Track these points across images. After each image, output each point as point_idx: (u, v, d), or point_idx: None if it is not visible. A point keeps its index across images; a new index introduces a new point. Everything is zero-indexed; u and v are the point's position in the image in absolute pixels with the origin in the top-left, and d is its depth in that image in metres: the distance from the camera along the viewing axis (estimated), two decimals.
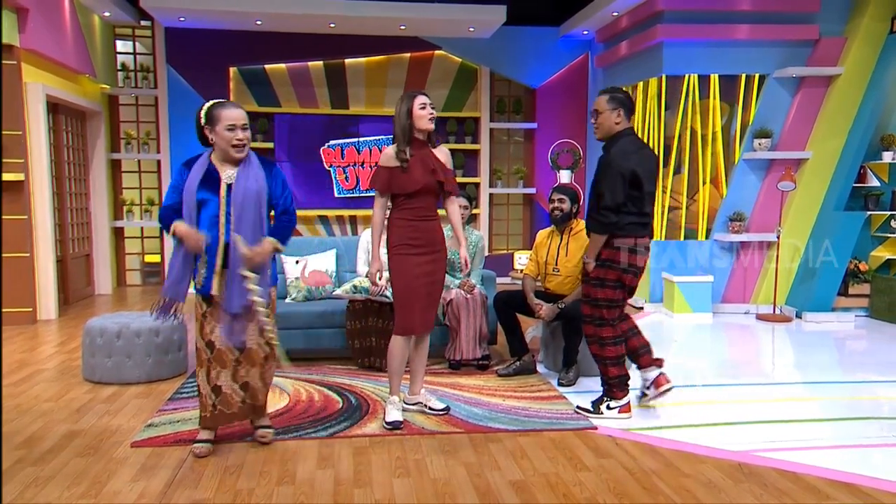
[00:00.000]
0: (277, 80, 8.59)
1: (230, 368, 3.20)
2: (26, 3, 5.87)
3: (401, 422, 3.59)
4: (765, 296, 6.91)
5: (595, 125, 3.70)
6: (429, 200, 3.63)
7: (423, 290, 3.61)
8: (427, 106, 3.58)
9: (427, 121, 3.57)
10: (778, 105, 6.88)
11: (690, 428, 3.65)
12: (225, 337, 3.13)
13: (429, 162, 3.59)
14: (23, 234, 6.11)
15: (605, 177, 3.56)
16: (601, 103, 3.66)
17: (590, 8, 7.75)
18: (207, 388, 3.21)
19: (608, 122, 3.64)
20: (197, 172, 3.14)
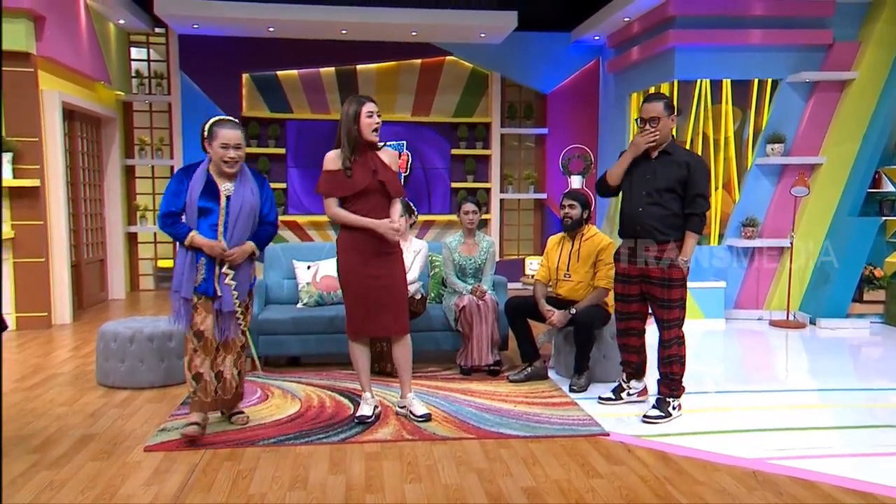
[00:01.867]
0: (289, 87, 8.65)
1: (211, 357, 3.50)
2: (43, 11, 5.95)
3: (368, 416, 3.71)
4: (778, 302, 6.86)
5: (653, 132, 3.71)
6: (374, 203, 3.62)
7: (371, 294, 3.63)
8: (374, 114, 3.59)
9: (371, 131, 3.59)
10: (791, 110, 6.84)
11: (703, 435, 3.62)
12: (218, 334, 3.49)
13: (370, 164, 3.62)
14: (38, 239, 6.18)
15: (704, 179, 3.73)
16: (659, 110, 3.70)
17: (601, 13, 7.75)
18: (189, 375, 3.48)
19: (667, 129, 3.72)
20: (198, 183, 3.44)
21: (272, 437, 3.52)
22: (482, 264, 4.90)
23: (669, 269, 3.73)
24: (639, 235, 3.79)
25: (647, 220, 3.74)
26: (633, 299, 3.91)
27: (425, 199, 8.95)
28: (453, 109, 8.98)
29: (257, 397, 4.18)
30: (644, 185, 3.76)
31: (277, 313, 4.86)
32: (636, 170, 3.82)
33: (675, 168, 3.71)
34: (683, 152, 3.80)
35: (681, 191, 3.71)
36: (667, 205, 3.72)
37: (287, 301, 5.21)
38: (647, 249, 3.76)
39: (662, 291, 3.76)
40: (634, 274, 3.84)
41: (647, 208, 3.74)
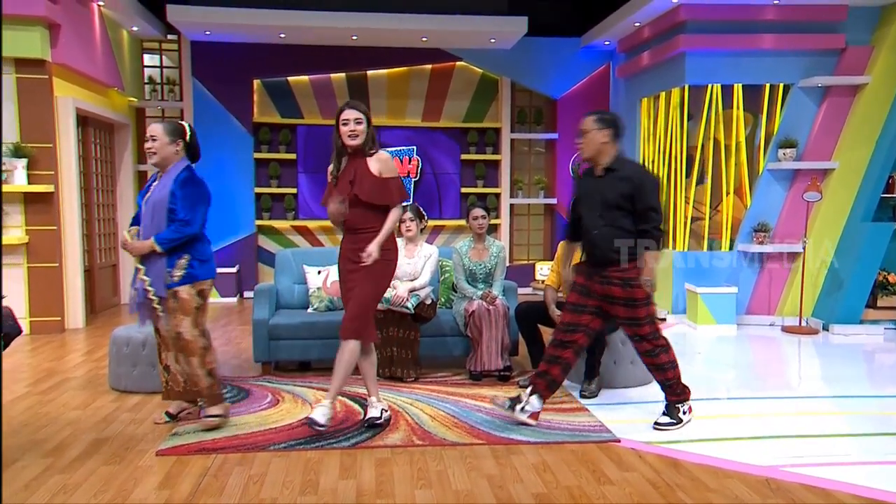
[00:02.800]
0: (300, 92, 8.69)
1: (198, 355, 3.64)
2: (58, 19, 6.02)
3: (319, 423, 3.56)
4: (790, 307, 6.81)
5: (580, 144, 3.72)
6: (355, 212, 3.58)
7: (346, 299, 3.68)
8: (350, 122, 3.53)
9: (347, 138, 3.55)
10: (803, 115, 6.80)
11: (715, 442, 3.60)
12: (139, 322, 3.78)
13: (350, 172, 3.59)
14: (52, 244, 6.24)
15: (652, 193, 3.64)
16: (588, 123, 3.67)
17: (611, 18, 7.75)
18: (160, 366, 3.84)
19: (595, 142, 3.65)
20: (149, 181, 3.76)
21: (283, 441, 3.53)
22: (492, 269, 4.90)
23: (633, 290, 3.63)
24: (598, 258, 3.69)
25: (603, 242, 3.65)
26: (587, 310, 3.75)
27: (436, 204, 8.96)
28: (463, 115, 8.99)
29: (268, 402, 4.20)
30: (594, 206, 3.69)
31: (288, 318, 4.88)
32: (587, 191, 3.77)
33: (619, 183, 3.61)
34: (629, 167, 3.72)
35: (629, 207, 3.61)
36: (618, 223, 3.63)
37: (298, 306, 5.23)
38: (609, 271, 3.65)
39: (626, 311, 3.67)
40: (596, 291, 3.72)
41: (601, 230, 3.66)
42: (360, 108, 3.58)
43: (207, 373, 3.66)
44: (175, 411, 3.85)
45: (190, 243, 3.62)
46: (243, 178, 8.51)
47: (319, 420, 3.53)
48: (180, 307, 3.58)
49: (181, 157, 3.70)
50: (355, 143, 3.56)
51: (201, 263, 3.67)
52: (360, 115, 3.56)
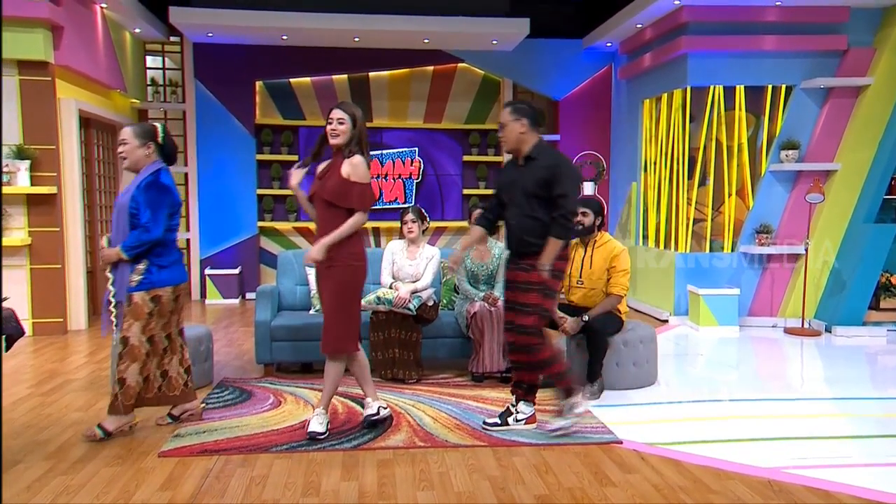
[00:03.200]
0: (302, 94, 8.70)
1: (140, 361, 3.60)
2: (61, 21, 6.04)
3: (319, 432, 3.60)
4: (793, 309, 6.80)
5: (501, 137, 3.68)
6: (322, 212, 3.59)
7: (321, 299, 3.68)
8: (333, 121, 3.54)
9: (329, 135, 3.56)
10: (805, 116, 6.80)
11: (717, 443, 3.59)
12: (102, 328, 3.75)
13: (324, 171, 3.62)
14: (55, 246, 6.25)
15: (566, 179, 3.53)
16: (505, 115, 3.64)
17: (613, 20, 7.75)
18: (157, 371, 3.74)
19: (513, 133, 3.61)
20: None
21: (285, 443, 3.53)
22: (494, 271, 4.90)
23: (530, 273, 3.55)
24: (515, 248, 3.65)
25: (519, 231, 3.61)
26: (507, 308, 3.74)
27: (438, 205, 8.97)
28: (465, 116, 9.00)
29: (270, 403, 4.20)
30: (514, 194, 3.63)
31: (290, 319, 4.88)
32: (508, 179, 3.72)
33: (537, 171, 3.56)
34: (550, 155, 3.63)
35: (546, 195, 3.53)
36: (534, 213, 3.55)
37: (300, 307, 5.24)
38: (521, 260, 3.61)
39: (521, 295, 3.59)
40: (509, 279, 3.72)
41: (518, 220, 3.61)
42: (347, 109, 3.57)
43: (118, 380, 3.57)
44: (178, 413, 3.84)
45: (151, 248, 3.55)
46: (245, 179, 8.52)
47: (319, 430, 3.57)
48: (131, 311, 3.52)
49: (153, 160, 3.64)
50: (335, 142, 3.55)
51: (160, 269, 3.57)
52: (343, 115, 3.55)
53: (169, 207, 3.59)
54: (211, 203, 8.51)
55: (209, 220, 8.53)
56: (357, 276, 3.62)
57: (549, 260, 3.52)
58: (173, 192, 3.65)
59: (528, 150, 3.62)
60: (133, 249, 3.51)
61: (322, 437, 3.56)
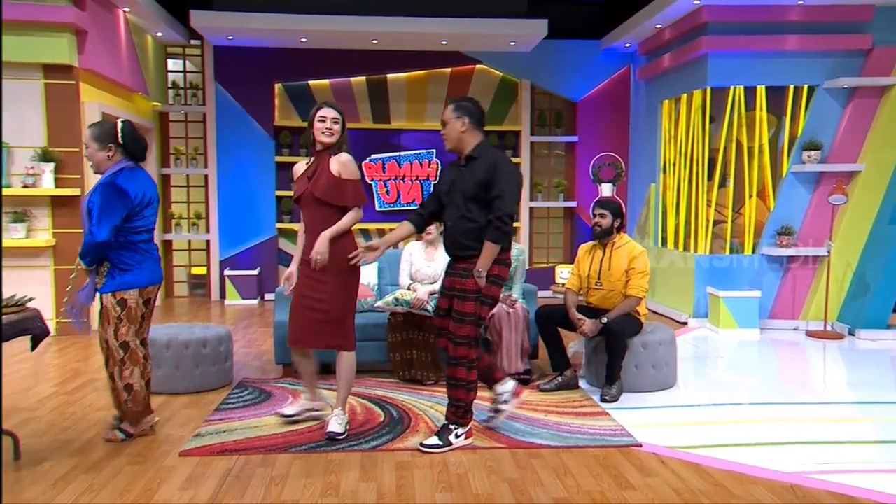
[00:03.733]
0: (321, 96, 8.74)
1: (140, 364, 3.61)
2: (85, 25, 6.13)
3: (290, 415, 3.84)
4: (815, 312, 6.71)
5: (442, 135, 3.57)
6: (311, 212, 3.59)
7: (297, 303, 3.66)
8: (327, 119, 3.56)
9: (321, 133, 3.55)
10: (828, 116, 6.71)
11: (739, 447, 3.56)
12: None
13: (312, 170, 3.60)
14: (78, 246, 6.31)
15: (503, 179, 3.38)
16: (446, 113, 3.54)
17: (632, 20, 7.70)
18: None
19: (454, 132, 3.50)
20: None
21: (304, 443, 3.55)
22: (512, 272, 4.89)
23: (465, 280, 3.42)
24: (451, 251, 3.55)
25: (454, 233, 3.48)
26: (444, 315, 3.61)
27: None
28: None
29: (289, 404, 4.22)
30: (454, 195, 3.50)
31: None
32: (449, 180, 3.58)
33: (477, 172, 3.41)
34: (491, 155, 3.48)
35: (484, 196, 3.40)
36: (472, 216, 3.41)
37: None
38: (457, 264, 3.51)
39: (458, 303, 3.46)
40: (447, 287, 3.59)
41: (455, 222, 3.48)
42: (338, 108, 3.62)
43: (125, 387, 3.56)
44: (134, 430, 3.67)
45: (114, 251, 3.47)
46: (264, 181, 8.59)
47: (339, 430, 3.59)
48: (104, 315, 3.53)
49: (117, 160, 3.53)
50: (329, 140, 3.56)
51: (122, 272, 3.49)
52: (337, 114, 3.59)
53: (123, 209, 3.43)
54: (230, 204, 8.59)
55: (229, 222, 8.61)
56: (357, 274, 3.67)
57: (485, 266, 3.37)
58: (129, 193, 3.46)
59: (470, 150, 3.50)
60: (84, 256, 3.48)
61: (341, 437, 3.58)
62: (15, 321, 3.23)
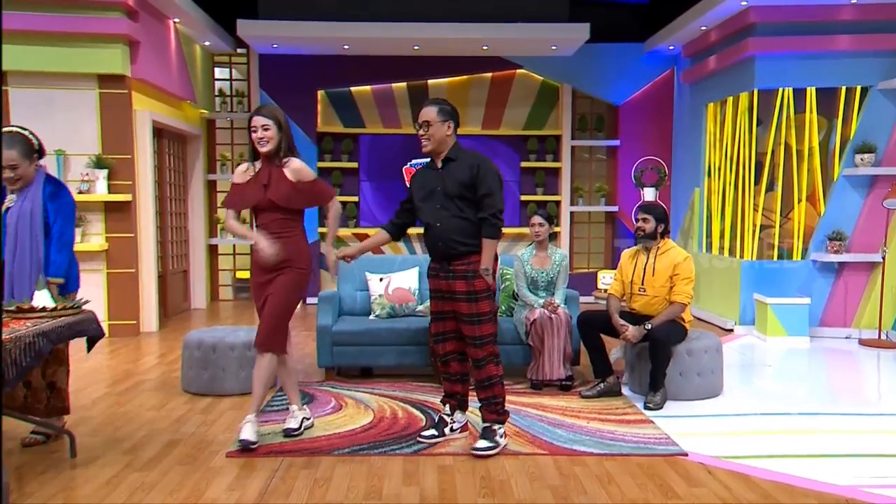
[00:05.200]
0: (362, 102, 8.85)
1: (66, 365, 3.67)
2: (138, 36, 6.33)
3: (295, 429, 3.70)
4: (868, 320, 6.49)
5: (425, 137, 3.51)
6: (269, 217, 3.55)
7: (260, 307, 3.64)
8: (258, 129, 3.48)
9: (257, 143, 3.49)
10: (882, 118, 6.50)
11: (789, 458, 3.46)
12: None
13: (263, 177, 3.52)
14: (130, 251, 6.53)
15: (489, 177, 3.48)
16: (431, 114, 3.49)
17: (676, 23, 7.59)
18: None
19: (440, 134, 3.49)
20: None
21: (347, 446, 3.59)
22: (554, 277, 4.86)
23: (473, 281, 3.46)
24: (443, 252, 3.51)
25: (446, 234, 3.48)
26: (447, 316, 3.60)
27: None
28: (524, 122, 8.97)
29: (331, 407, 4.28)
30: (435, 198, 3.52)
31: (350, 325, 4.96)
32: (425, 183, 3.58)
33: (460, 172, 3.47)
34: (469, 155, 3.56)
35: (471, 196, 3.47)
36: (463, 214, 3.47)
37: (360, 313, 5.32)
38: (452, 265, 3.49)
39: (469, 306, 3.48)
40: (442, 290, 3.56)
41: (446, 222, 3.48)
42: (268, 113, 3.52)
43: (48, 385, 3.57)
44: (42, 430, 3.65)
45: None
46: None
47: (251, 438, 3.48)
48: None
49: (37, 168, 3.58)
50: (266, 149, 3.50)
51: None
52: (267, 121, 3.49)
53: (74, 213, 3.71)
54: None
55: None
56: (307, 279, 3.68)
57: (489, 262, 3.47)
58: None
59: (447, 152, 3.54)
60: (65, 265, 3.61)
61: (253, 446, 3.46)
62: (72, 323, 3.33)
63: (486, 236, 3.47)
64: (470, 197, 3.48)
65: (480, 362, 3.53)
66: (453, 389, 3.75)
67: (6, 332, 2.94)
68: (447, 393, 3.78)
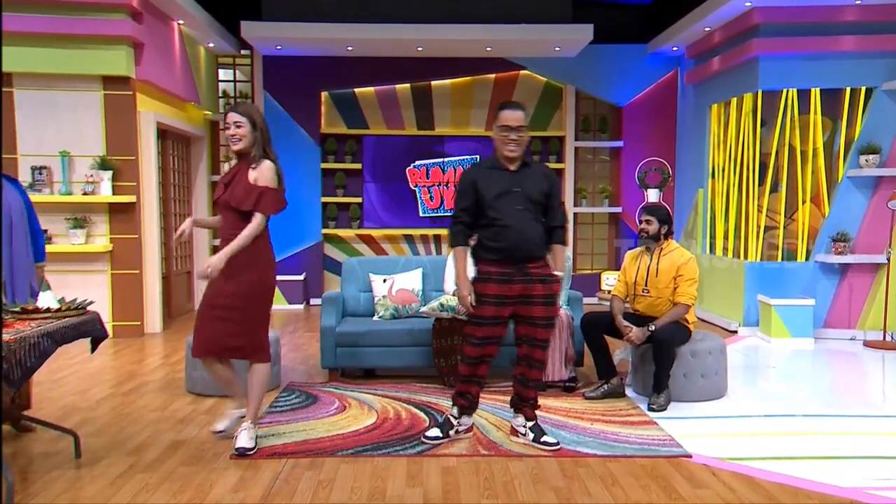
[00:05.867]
0: (366, 103, 8.86)
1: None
2: (143, 37, 6.35)
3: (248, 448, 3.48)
4: (873, 321, 6.48)
5: (517, 141, 3.51)
6: (227, 219, 3.46)
7: (202, 312, 3.57)
8: (231, 126, 3.42)
9: (229, 141, 3.46)
10: (887, 119, 6.48)
11: (793, 460, 3.46)
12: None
13: (229, 175, 3.48)
14: (134, 252, 6.55)
15: (558, 187, 3.69)
16: (522, 118, 3.54)
17: (680, 24, 7.59)
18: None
19: (526, 139, 3.58)
20: None
21: (350, 447, 3.59)
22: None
23: (551, 285, 3.54)
24: (523, 255, 3.47)
25: (528, 236, 3.47)
26: (502, 322, 3.55)
27: None
28: (527, 123, 8.95)
29: (335, 408, 4.28)
30: (515, 199, 3.48)
31: (354, 326, 4.96)
32: (494, 183, 3.50)
33: (538, 180, 3.55)
34: (538, 164, 3.80)
35: (545, 203, 3.56)
36: (540, 219, 3.55)
37: (364, 314, 5.32)
38: (530, 267, 3.49)
39: (546, 310, 3.52)
40: (513, 295, 3.48)
41: (527, 225, 3.48)
42: (243, 110, 3.44)
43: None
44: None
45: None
46: (310, 187, 8.74)
47: (248, 445, 3.46)
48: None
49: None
50: (236, 147, 3.44)
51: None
52: (240, 118, 3.41)
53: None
54: None
55: (275, 227, 8.55)
56: (265, 277, 3.53)
57: (563, 269, 3.63)
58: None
59: (524, 157, 3.60)
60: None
61: (251, 451, 3.44)
62: (76, 324, 3.35)
63: (563, 243, 3.64)
64: (545, 204, 3.58)
65: (540, 364, 3.64)
66: (469, 390, 3.68)
67: (12, 332, 2.95)
68: (460, 392, 3.69)
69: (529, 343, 3.58)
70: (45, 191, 6.32)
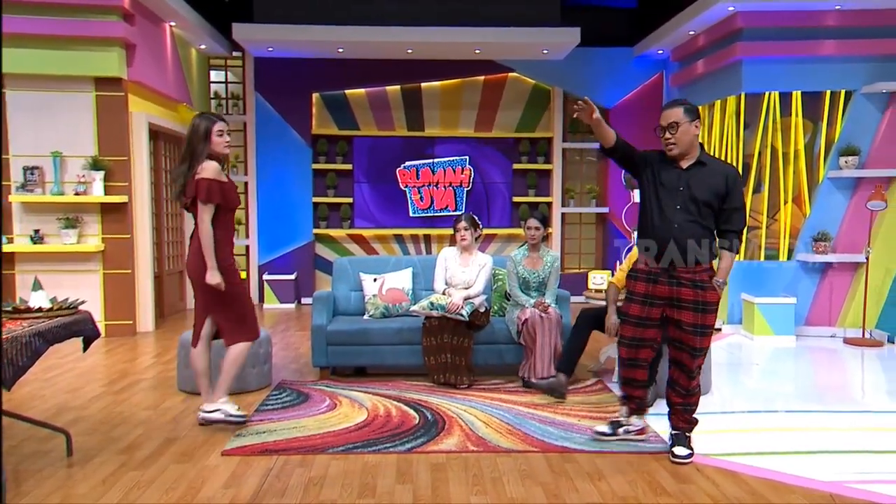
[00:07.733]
0: (357, 105, 8.92)
1: None
2: (135, 39, 6.38)
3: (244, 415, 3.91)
4: (853, 319, 6.61)
5: (672, 140, 3.40)
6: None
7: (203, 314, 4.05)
8: (224, 133, 3.81)
9: (223, 146, 3.82)
10: (866, 122, 6.61)
11: (776, 455, 3.55)
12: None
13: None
14: (126, 252, 6.57)
15: (739, 191, 3.43)
16: (679, 115, 3.37)
17: (665, 27, 7.69)
18: None
19: (689, 136, 3.38)
20: None
21: (341, 444, 3.65)
22: (546, 278, 4.94)
23: (704, 293, 3.36)
24: (680, 255, 3.36)
25: (683, 237, 3.33)
26: (651, 324, 3.46)
27: (484, 212, 9.03)
28: (515, 125, 9.05)
29: (326, 406, 4.34)
30: (676, 197, 3.37)
31: (345, 325, 5.02)
32: (665, 179, 3.42)
33: (711, 179, 3.36)
34: (719, 163, 3.51)
35: (716, 205, 3.37)
36: (703, 221, 3.36)
37: (354, 312, 5.38)
38: (679, 270, 3.36)
39: (695, 316, 3.36)
40: (661, 296, 3.41)
41: (684, 225, 3.34)
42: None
43: None
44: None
45: None
46: (302, 187, 8.78)
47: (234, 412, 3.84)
48: None
49: None
50: (228, 152, 3.91)
51: None
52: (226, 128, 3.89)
53: None
54: (269, 211, 8.80)
55: (267, 228, 8.82)
56: (228, 276, 3.88)
57: (726, 277, 3.42)
58: None
59: (698, 156, 3.42)
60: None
61: (242, 419, 3.83)
62: (68, 323, 3.38)
63: (732, 250, 3.42)
64: (715, 205, 3.38)
65: (693, 372, 3.46)
66: (633, 394, 3.65)
67: (3, 332, 2.97)
68: (627, 396, 3.69)
69: (677, 346, 3.47)
70: (37, 191, 6.33)
